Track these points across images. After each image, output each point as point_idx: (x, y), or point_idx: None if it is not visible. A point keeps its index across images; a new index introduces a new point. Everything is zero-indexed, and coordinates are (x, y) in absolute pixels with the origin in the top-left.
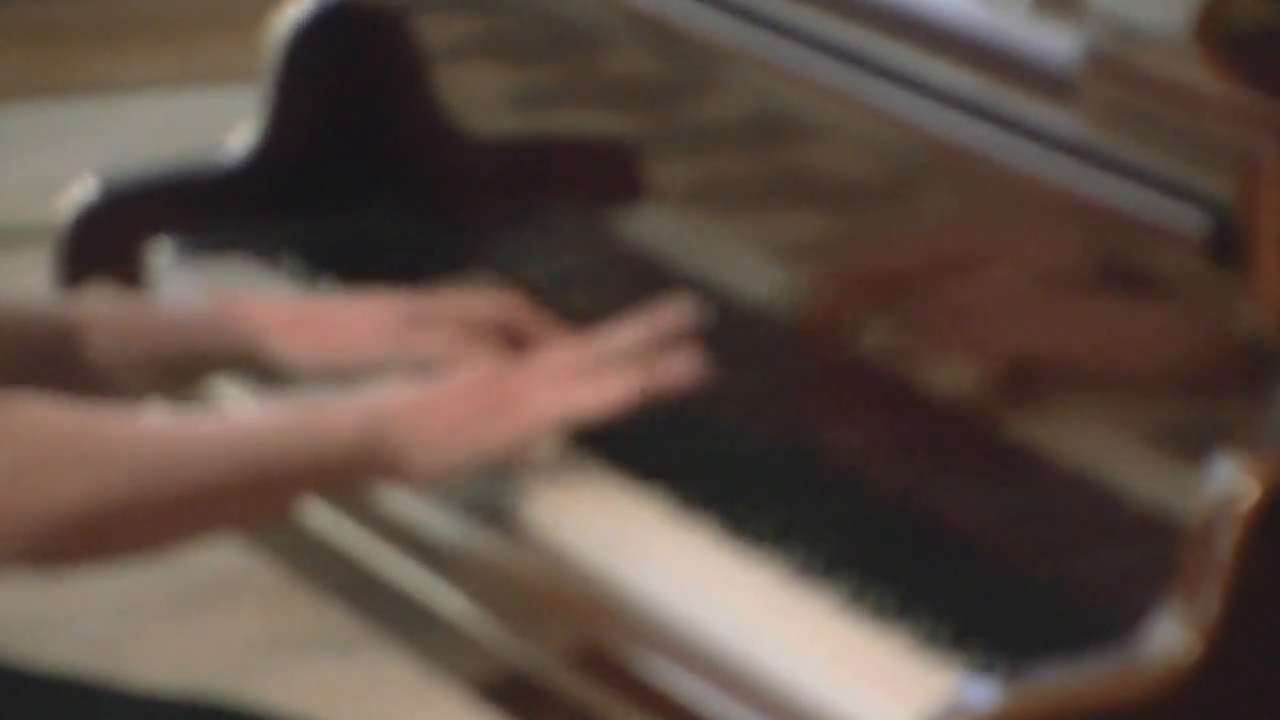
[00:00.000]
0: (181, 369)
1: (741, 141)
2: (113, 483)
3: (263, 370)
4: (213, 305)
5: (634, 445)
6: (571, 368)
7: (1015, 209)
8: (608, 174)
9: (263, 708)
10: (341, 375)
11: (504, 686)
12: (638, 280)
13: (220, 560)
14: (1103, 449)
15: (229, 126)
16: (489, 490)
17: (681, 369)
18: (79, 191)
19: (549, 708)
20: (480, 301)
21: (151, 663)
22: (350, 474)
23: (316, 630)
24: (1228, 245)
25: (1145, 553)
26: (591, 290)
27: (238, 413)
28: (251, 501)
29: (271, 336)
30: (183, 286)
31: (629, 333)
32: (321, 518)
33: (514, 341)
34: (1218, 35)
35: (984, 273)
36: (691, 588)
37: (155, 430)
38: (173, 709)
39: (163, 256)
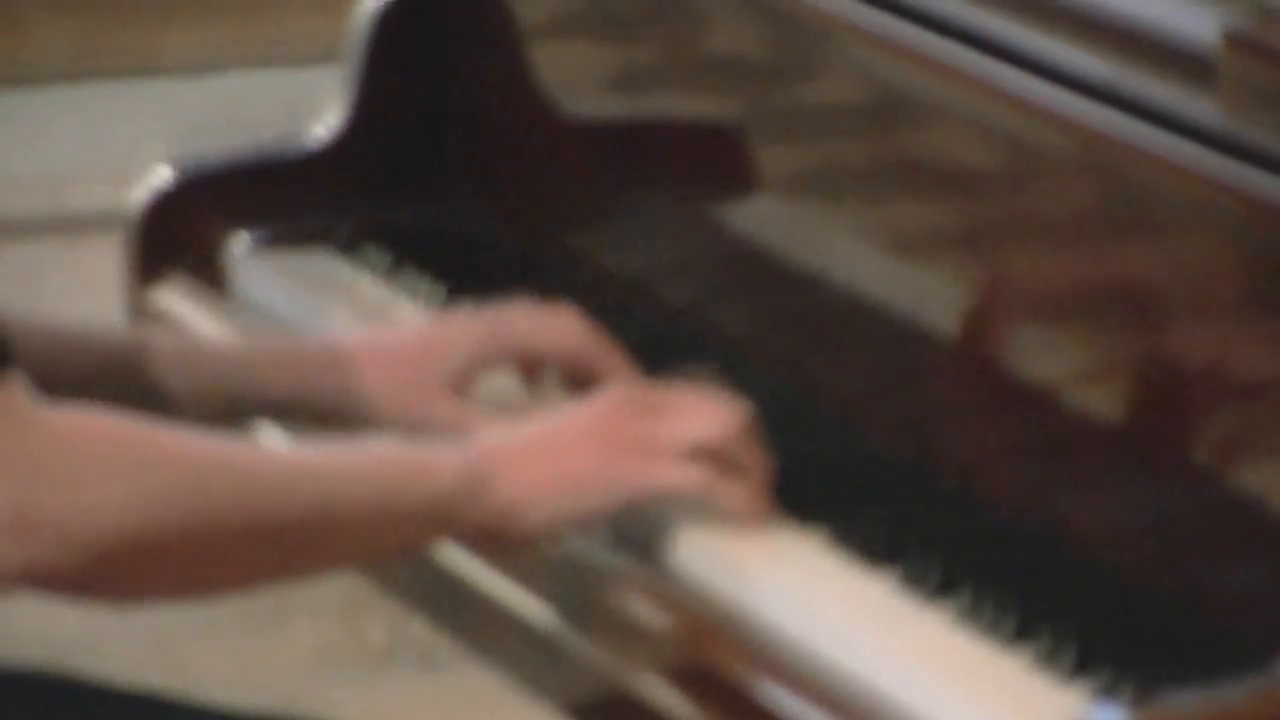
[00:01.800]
0: (252, 407)
1: (857, 127)
2: (169, 497)
3: (334, 418)
4: (289, 350)
5: None
6: (696, 443)
7: (1147, 200)
8: (712, 159)
9: None
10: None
11: (596, 705)
12: (741, 273)
13: None
14: (1244, 460)
15: (300, 108)
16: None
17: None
18: (152, 178)
19: None
20: (555, 338)
21: (224, 676)
22: (445, 526)
23: (397, 643)
24: None
25: None
26: (693, 284)
27: (327, 446)
28: (327, 542)
29: (362, 392)
30: (260, 278)
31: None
32: None
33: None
34: None
35: (1116, 269)
36: (800, 601)
37: (227, 448)
38: None
39: (240, 247)
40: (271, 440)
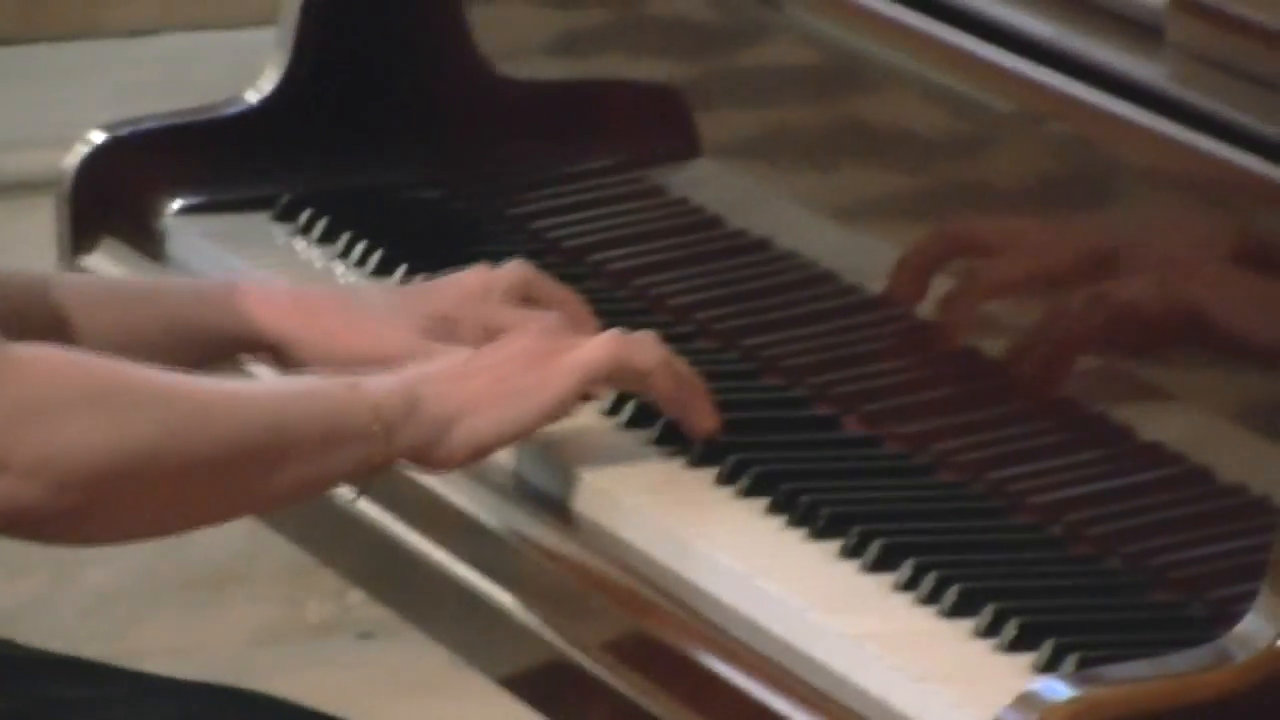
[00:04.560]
0: (185, 349)
1: (802, 90)
2: (137, 429)
3: (268, 357)
4: (218, 283)
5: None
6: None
7: (1096, 161)
8: (655, 124)
9: (276, 697)
10: (346, 370)
11: (533, 676)
12: (685, 239)
13: (235, 542)
14: (1194, 430)
15: (242, 70)
16: (538, 474)
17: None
18: (85, 142)
19: (584, 698)
20: (506, 311)
21: (163, 649)
22: (383, 445)
23: (336, 616)
24: None
25: (1236, 543)
26: (636, 250)
27: (266, 378)
28: (280, 467)
29: (278, 321)
30: (194, 244)
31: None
32: (342, 494)
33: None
34: None
35: (1062, 234)
36: (741, 572)
37: (183, 381)
38: (186, 693)
39: (173, 212)
40: None
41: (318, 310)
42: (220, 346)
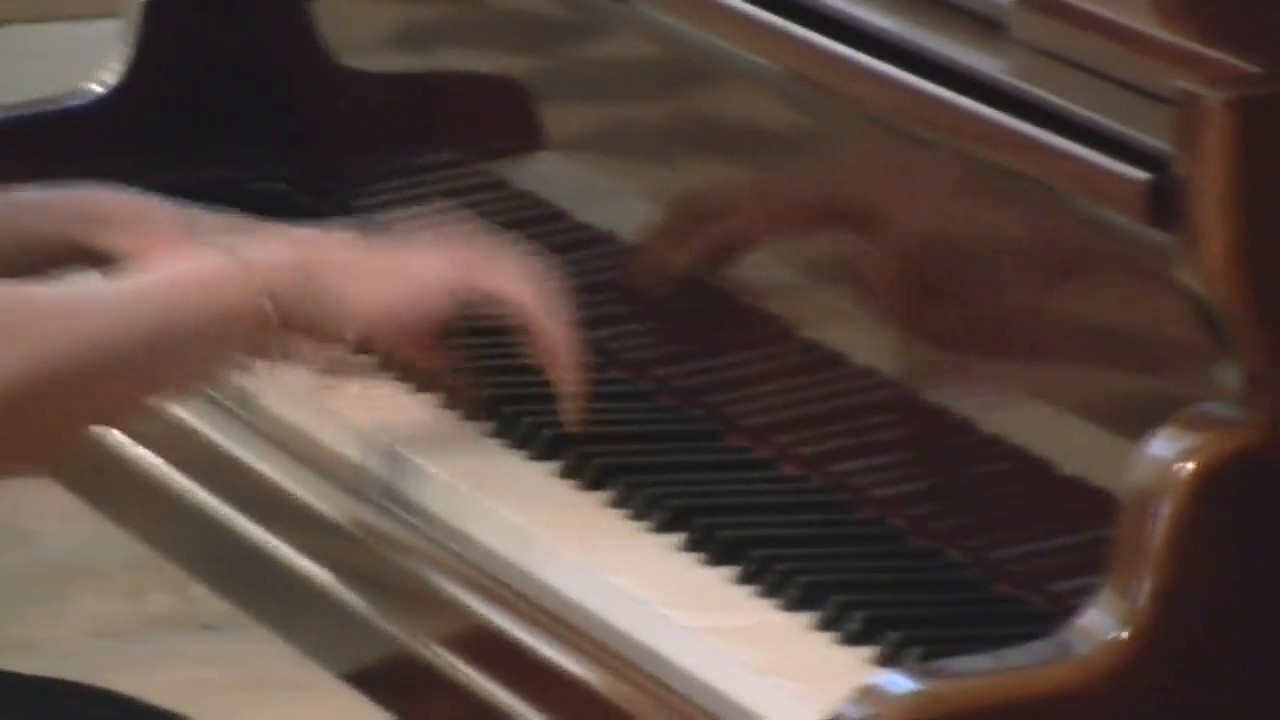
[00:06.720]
0: (49, 258)
1: (644, 83)
2: (14, 351)
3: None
4: (60, 192)
5: (527, 418)
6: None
7: (937, 159)
8: (500, 118)
9: (116, 692)
10: None
11: (377, 671)
12: (530, 234)
13: (77, 536)
14: (1035, 423)
15: (86, 65)
16: (381, 467)
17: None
18: None
19: (428, 693)
20: (506, 281)
21: (7, 642)
22: (273, 323)
23: (177, 609)
24: (1168, 203)
25: (1078, 536)
26: None
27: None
28: (169, 359)
29: (109, 233)
30: None
31: None
32: (183, 488)
33: None
34: None
35: (903, 229)
36: (585, 566)
37: (44, 291)
38: (27, 688)
39: None
40: None
41: (154, 228)
42: (55, 256)
